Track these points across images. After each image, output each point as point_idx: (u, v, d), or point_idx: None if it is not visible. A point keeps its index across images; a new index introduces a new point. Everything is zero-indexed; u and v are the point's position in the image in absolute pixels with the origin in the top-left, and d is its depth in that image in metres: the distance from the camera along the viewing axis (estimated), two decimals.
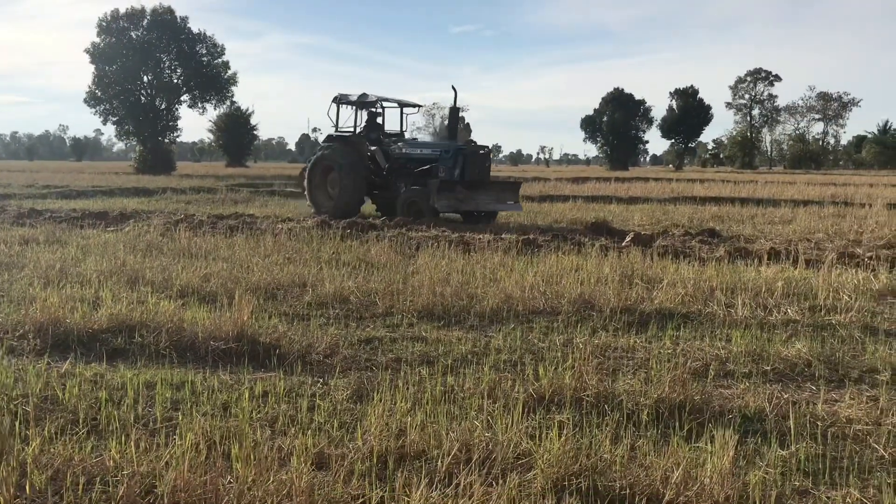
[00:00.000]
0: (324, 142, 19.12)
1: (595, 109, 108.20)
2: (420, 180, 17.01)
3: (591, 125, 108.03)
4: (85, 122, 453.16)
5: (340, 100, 18.59)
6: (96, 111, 59.66)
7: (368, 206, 19.38)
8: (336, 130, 18.69)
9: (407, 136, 19.47)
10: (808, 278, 8.69)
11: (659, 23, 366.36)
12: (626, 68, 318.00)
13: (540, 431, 4.15)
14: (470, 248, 11.36)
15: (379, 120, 19.27)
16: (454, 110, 18.07)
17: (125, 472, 3.53)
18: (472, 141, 18.87)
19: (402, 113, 19.18)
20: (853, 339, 6.43)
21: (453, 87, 17.81)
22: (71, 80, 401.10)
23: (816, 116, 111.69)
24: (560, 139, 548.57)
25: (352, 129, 18.61)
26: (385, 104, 19.04)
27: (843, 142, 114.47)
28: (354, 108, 18.68)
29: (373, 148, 18.22)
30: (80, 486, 3.44)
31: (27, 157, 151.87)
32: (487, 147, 18.22)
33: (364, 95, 18.33)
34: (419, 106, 19.65)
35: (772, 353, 5.88)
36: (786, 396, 4.99)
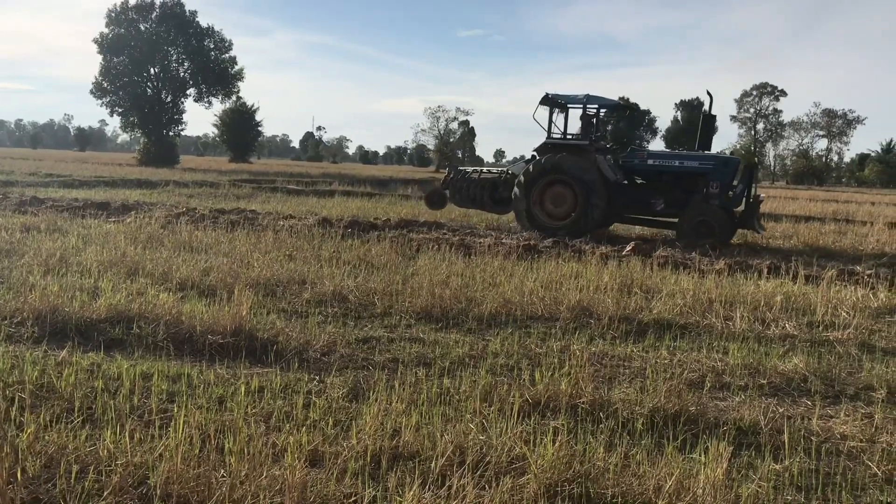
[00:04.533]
0: (538, 150, 16.02)
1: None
2: (680, 197, 14.96)
3: None
4: (89, 113, 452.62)
5: (552, 100, 15.85)
6: (102, 102, 59.67)
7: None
8: (549, 136, 15.95)
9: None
10: (807, 294, 8.69)
11: (667, 35, 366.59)
12: (632, 78, 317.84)
13: (534, 436, 4.15)
14: (471, 251, 11.38)
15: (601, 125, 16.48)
16: (709, 118, 15.75)
17: (119, 462, 3.53)
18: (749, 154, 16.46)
19: (598, 116, 16.48)
20: (850, 356, 6.43)
21: (708, 92, 15.51)
22: (77, 70, 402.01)
23: (821, 133, 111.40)
24: None
25: (561, 135, 16.03)
26: (589, 106, 16.08)
27: (847, 159, 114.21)
28: (556, 109, 16.16)
29: (598, 157, 15.53)
30: (74, 474, 3.45)
31: (31, 145, 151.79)
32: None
33: (589, 97, 15.67)
34: (631, 109, 16.57)
35: (768, 367, 5.88)
36: (781, 410, 4.99)
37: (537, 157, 15.90)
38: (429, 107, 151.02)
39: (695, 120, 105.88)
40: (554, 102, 15.94)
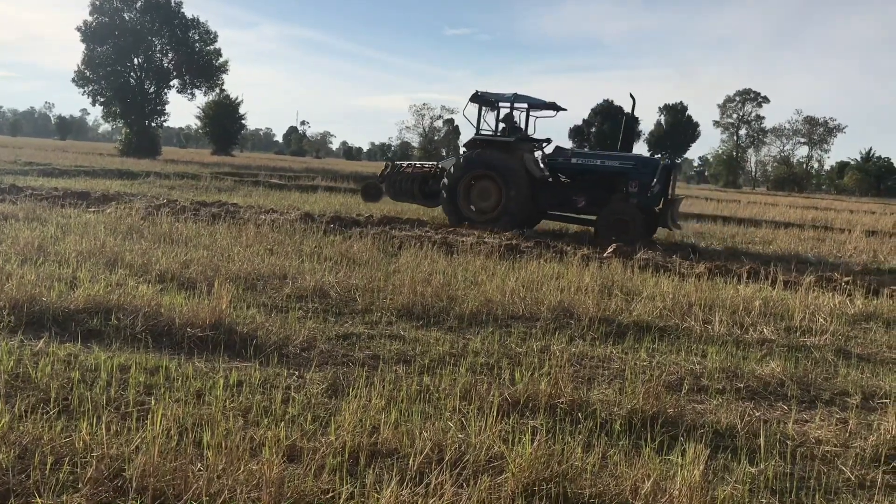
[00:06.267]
0: (466, 145, 16.61)
1: (584, 119, 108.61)
2: (601, 196, 15.23)
3: (578, 135, 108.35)
4: (71, 102, 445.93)
5: (482, 98, 16.28)
6: (84, 91, 59.00)
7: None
8: (477, 133, 16.40)
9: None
10: (785, 299, 8.77)
11: (652, 38, 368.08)
12: (617, 80, 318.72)
13: (513, 436, 4.16)
14: (453, 249, 11.38)
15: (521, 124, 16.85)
16: (632, 119, 16.09)
17: (94, 454, 3.50)
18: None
19: (528, 115, 16.83)
20: (826, 361, 6.50)
21: (631, 95, 15.81)
22: (59, 58, 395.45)
23: (802, 140, 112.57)
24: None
25: (491, 132, 16.49)
26: (517, 104, 16.47)
27: (827, 167, 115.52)
28: (487, 108, 16.63)
29: (525, 155, 16.02)
30: (48, 466, 3.42)
31: (10, 132, 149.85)
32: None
33: (516, 96, 16.07)
34: (560, 110, 16.80)
35: (746, 371, 5.93)
36: (757, 414, 5.04)
37: (465, 152, 16.41)
38: (414, 104, 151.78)
39: (678, 124, 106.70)
40: (483, 100, 16.41)
